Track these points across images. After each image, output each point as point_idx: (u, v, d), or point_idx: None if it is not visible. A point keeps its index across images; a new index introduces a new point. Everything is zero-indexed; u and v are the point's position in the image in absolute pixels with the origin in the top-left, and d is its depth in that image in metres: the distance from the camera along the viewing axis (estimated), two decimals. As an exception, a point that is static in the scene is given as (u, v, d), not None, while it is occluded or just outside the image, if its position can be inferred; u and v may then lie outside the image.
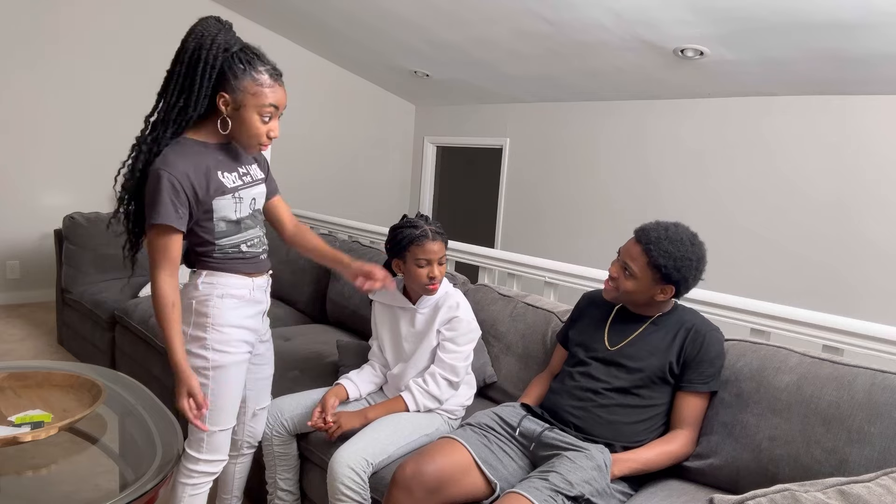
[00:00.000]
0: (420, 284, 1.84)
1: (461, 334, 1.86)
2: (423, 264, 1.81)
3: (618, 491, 1.54)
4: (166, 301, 1.51)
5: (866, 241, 3.72)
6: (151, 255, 1.52)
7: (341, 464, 1.63)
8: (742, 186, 4.23)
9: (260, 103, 1.48)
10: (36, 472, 1.53)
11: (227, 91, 1.47)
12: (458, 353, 1.85)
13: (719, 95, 4.26)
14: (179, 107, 1.48)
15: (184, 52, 1.47)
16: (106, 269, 3.52)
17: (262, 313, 1.72)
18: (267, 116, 1.50)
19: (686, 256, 1.62)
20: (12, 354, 3.51)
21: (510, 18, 3.83)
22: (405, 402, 1.83)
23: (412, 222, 1.86)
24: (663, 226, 1.66)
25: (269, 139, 1.53)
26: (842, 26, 2.97)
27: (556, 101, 5.23)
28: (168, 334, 1.51)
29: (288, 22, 5.06)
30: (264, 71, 1.49)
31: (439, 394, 1.83)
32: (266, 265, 1.72)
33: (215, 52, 1.44)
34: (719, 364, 1.66)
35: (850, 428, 1.44)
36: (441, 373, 1.84)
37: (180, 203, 1.48)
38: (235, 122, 1.50)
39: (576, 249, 5.17)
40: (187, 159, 1.49)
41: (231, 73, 1.46)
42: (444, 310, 1.87)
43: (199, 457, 1.62)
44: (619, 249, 1.72)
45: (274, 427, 1.88)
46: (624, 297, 1.71)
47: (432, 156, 6.49)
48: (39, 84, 4.41)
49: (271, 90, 1.49)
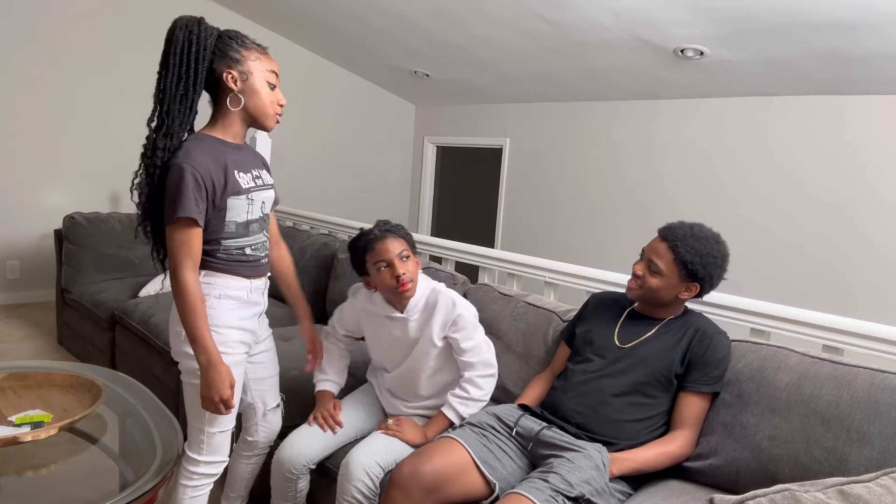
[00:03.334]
0: (390, 288, 1.73)
1: (471, 328, 1.79)
2: (383, 266, 1.71)
3: (617, 490, 1.54)
4: (195, 297, 1.48)
5: (865, 241, 3.72)
6: (173, 250, 1.49)
7: (357, 466, 1.61)
8: (741, 186, 4.23)
9: (265, 67, 1.53)
10: (36, 472, 1.53)
11: (231, 66, 1.50)
12: (479, 346, 1.80)
13: (719, 95, 4.26)
14: (181, 94, 1.49)
15: (174, 44, 1.49)
16: (106, 269, 3.52)
17: (259, 315, 1.72)
18: (272, 84, 1.55)
19: (711, 253, 1.65)
20: (12, 354, 3.51)
21: (510, 18, 3.83)
22: (449, 419, 1.77)
23: (362, 232, 1.80)
24: (688, 224, 1.69)
25: (280, 107, 1.58)
26: (842, 26, 2.97)
27: (556, 101, 5.23)
28: (200, 332, 1.48)
29: (288, 22, 5.06)
30: (253, 44, 1.55)
31: (484, 395, 1.80)
32: (266, 269, 1.72)
33: (204, 35, 1.48)
34: (724, 367, 1.66)
35: (850, 427, 1.44)
36: (477, 375, 1.79)
37: (201, 198, 1.48)
38: (247, 94, 1.53)
39: (576, 249, 5.17)
40: (208, 155, 1.50)
41: (228, 49, 1.50)
42: (440, 313, 1.77)
43: (199, 458, 1.61)
44: (644, 248, 1.74)
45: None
46: (648, 294, 1.71)
47: (432, 156, 6.49)
48: (39, 84, 4.41)
49: (266, 58, 1.55)
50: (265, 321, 1.79)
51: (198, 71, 1.47)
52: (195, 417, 1.61)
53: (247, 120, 1.58)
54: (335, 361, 1.95)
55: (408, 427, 1.75)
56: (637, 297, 1.75)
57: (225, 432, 1.63)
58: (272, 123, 1.59)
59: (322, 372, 1.92)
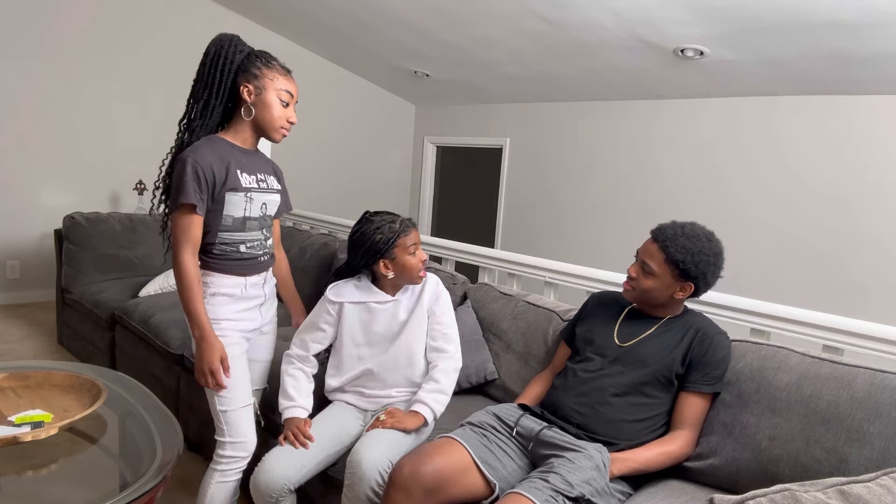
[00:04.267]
0: (415, 272, 1.82)
1: (450, 309, 1.91)
2: (414, 251, 1.81)
3: (617, 491, 1.54)
4: (191, 277, 1.62)
5: (870, 240, 3.72)
6: (175, 235, 1.63)
7: (370, 467, 1.57)
8: (743, 187, 4.23)
9: (278, 87, 1.67)
10: (36, 472, 1.53)
11: (249, 81, 1.66)
12: (455, 331, 1.88)
13: (719, 95, 4.26)
14: (203, 100, 1.66)
15: (206, 56, 1.66)
16: (106, 269, 3.52)
17: (259, 306, 1.79)
18: (285, 102, 1.69)
19: (703, 252, 1.65)
20: (12, 354, 3.51)
21: (510, 18, 3.83)
22: (424, 417, 1.75)
23: (384, 218, 1.83)
24: (679, 224, 1.70)
25: (289, 124, 1.71)
26: (843, 26, 2.97)
27: (556, 101, 5.23)
28: (195, 309, 1.62)
29: (288, 22, 5.06)
30: (277, 65, 1.70)
31: (451, 389, 1.82)
32: (264, 266, 1.80)
33: (233, 51, 1.65)
34: (724, 367, 1.66)
35: (850, 427, 1.44)
36: (453, 366, 1.84)
37: (201, 188, 1.62)
38: (259, 107, 1.67)
39: (576, 249, 5.17)
40: (214, 153, 1.64)
41: (251, 65, 1.66)
42: (427, 292, 1.87)
43: (223, 440, 1.70)
44: (637, 250, 1.75)
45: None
46: (643, 296, 1.72)
47: (432, 156, 6.49)
48: (39, 84, 4.41)
49: (285, 78, 1.70)
50: (270, 311, 1.87)
51: (221, 81, 1.64)
52: (210, 402, 1.71)
53: (256, 130, 1.72)
54: (303, 386, 1.85)
55: (401, 415, 1.74)
56: (633, 299, 1.76)
57: (238, 410, 1.70)
58: (278, 137, 1.73)
59: (288, 398, 1.82)
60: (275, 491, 1.63)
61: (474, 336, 2.20)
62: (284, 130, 1.72)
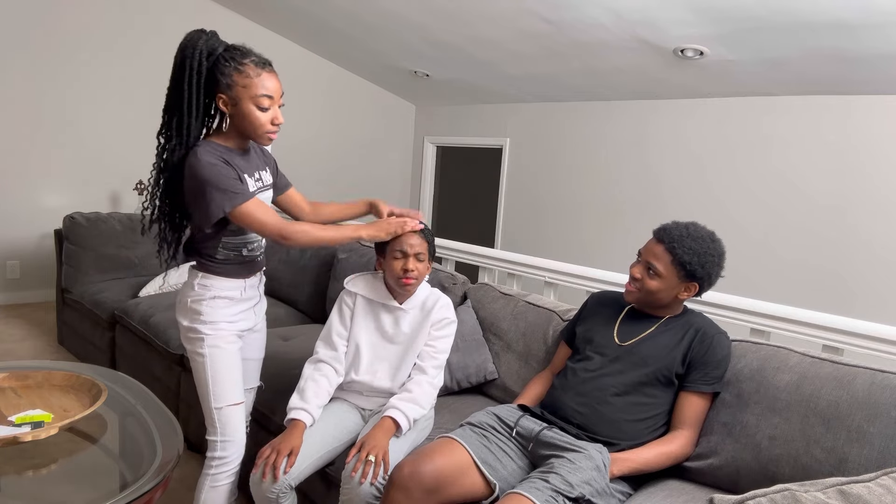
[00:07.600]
0: (394, 277, 1.77)
1: (449, 337, 1.86)
2: (399, 256, 1.76)
3: (617, 491, 1.54)
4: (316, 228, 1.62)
5: (866, 242, 3.72)
6: (265, 226, 1.57)
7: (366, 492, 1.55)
8: (742, 186, 4.23)
9: (252, 94, 1.54)
10: (36, 472, 1.53)
11: (222, 91, 1.55)
12: (444, 357, 1.84)
13: (719, 95, 4.26)
14: (177, 117, 1.56)
15: (174, 67, 1.55)
16: (106, 269, 3.52)
17: (254, 307, 1.80)
18: (264, 106, 1.56)
19: (709, 252, 1.65)
20: (12, 354, 3.51)
21: (510, 18, 3.83)
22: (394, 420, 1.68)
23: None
24: (683, 224, 1.69)
25: (274, 126, 1.60)
26: (843, 26, 2.97)
27: (556, 101, 5.23)
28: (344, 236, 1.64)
29: (288, 22, 5.06)
30: (249, 63, 1.55)
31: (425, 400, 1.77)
32: (260, 266, 1.81)
33: (199, 58, 1.52)
34: (724, 367, 1.66)
35: (850, 427, 1.44)
36: (427, 380, 1.78)
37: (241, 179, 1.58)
38: (237, 118, 1.58)
39: (576, 249, 5.17)
40: (218, 158, 1.59)
41: (220, 74, 1.54)
42: (436, 314, 1.83)
43: (214, 439, 1.68)
44: (640, 251, 1.73)
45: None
46: (648, 297, 1.71)
47: (432, 156, 6.49)
48: (39, 84, 4.41)
49: (259, 79, 1.55)
50: (261, 310, 1.87)
51: (192, 94, 1.54)
52: (204, 398, 1.69)
53: (243, 134, 1.64)
54: (322, 393, 1.78)
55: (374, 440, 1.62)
56: (635, 300, 1.75)
57: (232, 407, 1.68)
58: (265, 141, 1.64)
59: (304, 400, 1.74)
60: (274, 488, 1.64)
61: (474, 336, 2.20)
62: (271, 134, 1.61)
